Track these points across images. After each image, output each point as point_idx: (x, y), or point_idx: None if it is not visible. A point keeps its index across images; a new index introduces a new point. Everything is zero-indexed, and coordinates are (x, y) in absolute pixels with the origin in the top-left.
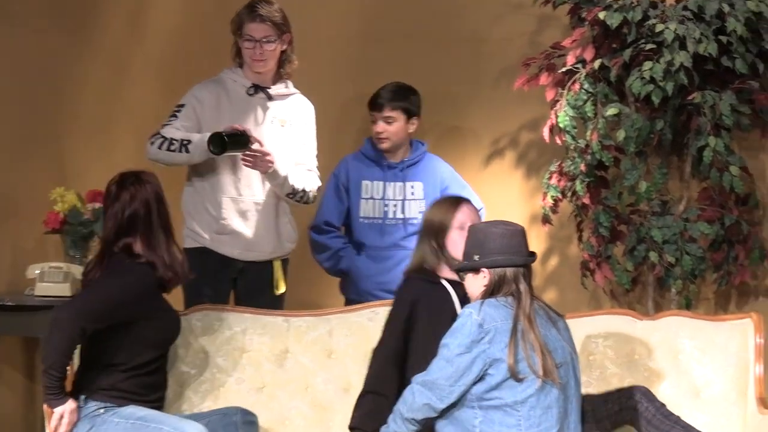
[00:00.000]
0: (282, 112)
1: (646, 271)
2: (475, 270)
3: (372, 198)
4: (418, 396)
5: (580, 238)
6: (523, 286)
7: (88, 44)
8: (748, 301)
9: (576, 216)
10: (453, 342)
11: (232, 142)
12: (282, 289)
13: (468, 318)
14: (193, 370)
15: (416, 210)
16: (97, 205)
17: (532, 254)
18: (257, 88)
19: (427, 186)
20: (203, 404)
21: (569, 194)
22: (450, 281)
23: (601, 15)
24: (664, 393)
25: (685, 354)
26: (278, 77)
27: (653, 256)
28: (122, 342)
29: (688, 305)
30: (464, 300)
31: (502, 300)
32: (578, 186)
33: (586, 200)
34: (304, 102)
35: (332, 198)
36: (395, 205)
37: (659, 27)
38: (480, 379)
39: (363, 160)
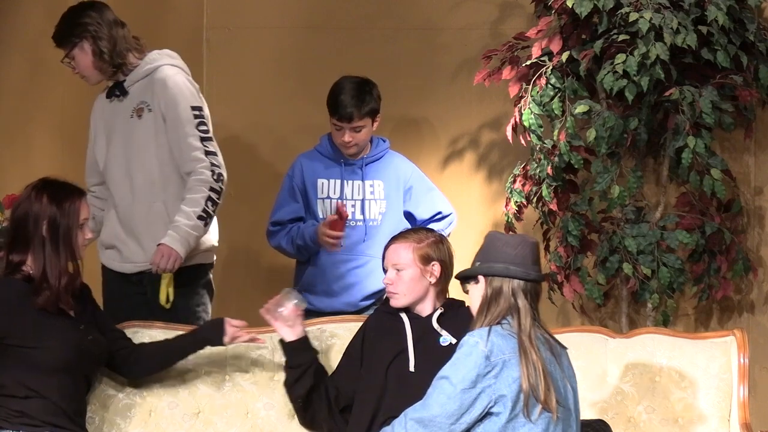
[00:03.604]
0: (138, 98)
1: (619, 285)
2: (475, 278)
3: (329, 197)
4: None
5: (546, 248)
6: (522, 302)
7: (3, 37)
8: (731, 317)
9: (542, 224)
10: (456, 375)
11: None
12: (170, 299)
13: (474, 348)
14: (120, 393)
15: (377, 211)
16: None
17: (541, 274)
18: (112, 89)
19: (388, 185)
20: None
21: (534, 200)
22: (410, 315)
23: (570, 2)
24: (639, 419)
25: (662, 376)
26: (124, 68)
27: (627, 267)
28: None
29: (665, 322)
30: (422, 334)
31: (508, 328)
32: (544, 191)
33: (553, 206)
34: (162, 72)
35: (285, 198)
36: (353, 206)
37: (633, 16)
38: (482, 417)
39: (318, 158)
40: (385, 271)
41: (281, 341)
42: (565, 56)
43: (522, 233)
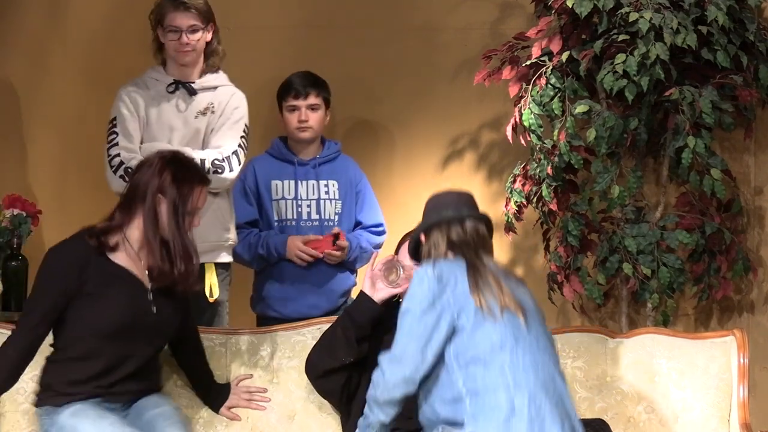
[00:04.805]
0: (207, 102)
1: (619, 285)
2: (419, 246)
3: (283, 198)
4: (390, 373)
5: (546, 248)
6: (458, 237)
7: (4, 35)
8: (731, 318)
9: (542, 224)
10: (413, 302)
11: None
12: (215, 294)
13: (423, 275)
14: None
15: (332, 211)
16: (15, 211)
17: (478, 213)
18: (179, 85)
19: (342, 186)
20: None
21: (535, 200)
22: None
23: (570, 2)
24: (638, 419)
25: (662, 376)
26: (204, 70)
27: (627, 267)
28: (62, 324)
29: (665, 322)
30: None
31: (453, 258)
32: (545, 191)
33: (554, 206)
34: (234, 91)
35: (238, 201)
36: (309, 206)
37: (633, 16)
38: (450, 336)
39: (270, 160)
40: None
41: (364, 295)
42: (565, 56)
43: None
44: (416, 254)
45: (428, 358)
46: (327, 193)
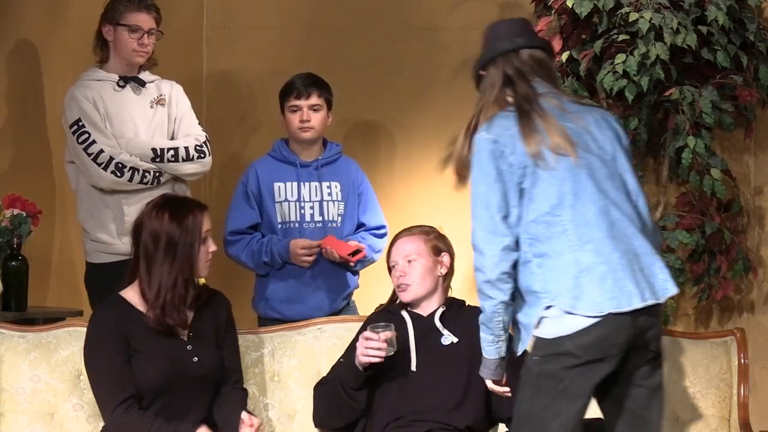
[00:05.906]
0: (156, 93)
1: None
2: (480, 80)
3: (286, 200)
4: (490, 249)
5: None
6: (512, 70)
7: (4, 34)
8: (731, 317)
9: None
10: (480, 174)
11: None
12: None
13: (481, 142)
14: None
15: (335, 212)
16: (16, 211)
17: (533, 39)
18: (126, 79)
19: (345, 187)
20: None
21: None
22: (412, 315)
23: (569, 2)
24: None
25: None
26: (144, 66)
27: None
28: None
29: (665, 322)
30: (424, 333)
31: (511, 109)
32: None
33: None
34: (170, 82)
35: (240, 204)
36: (312, 207)
37: (633, 16)
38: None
39: (272, 163)
40: (390, 267)
41: (359, 365)
42: (565, 56)
43: None
44: (479, 86)
45: (512, 224)
46: (330, 194)
